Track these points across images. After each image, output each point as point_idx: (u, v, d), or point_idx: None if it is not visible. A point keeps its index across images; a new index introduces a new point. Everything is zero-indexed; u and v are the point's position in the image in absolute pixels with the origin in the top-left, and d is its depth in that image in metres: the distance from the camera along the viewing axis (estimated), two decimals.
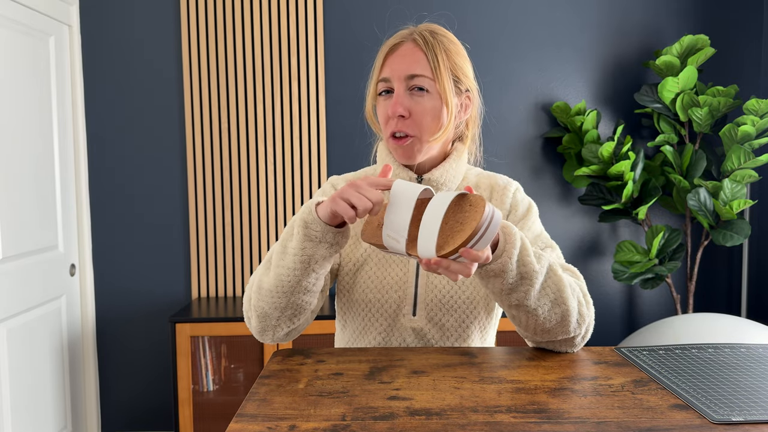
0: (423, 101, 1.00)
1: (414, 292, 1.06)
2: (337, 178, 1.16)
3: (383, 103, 1.03)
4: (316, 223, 0.89)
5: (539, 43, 2.70)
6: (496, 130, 2.71)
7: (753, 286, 2.77)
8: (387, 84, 1.01)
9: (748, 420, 0.70)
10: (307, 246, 0.90)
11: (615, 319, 2.80)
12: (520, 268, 0.87)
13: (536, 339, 0.97)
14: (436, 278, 1.05)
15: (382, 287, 1.06)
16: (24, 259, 2.25)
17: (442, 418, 0.72)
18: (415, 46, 1.00)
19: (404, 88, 1.00)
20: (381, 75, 1.02)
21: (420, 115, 1.00)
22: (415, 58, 0.99)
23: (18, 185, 2.21)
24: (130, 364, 2.73)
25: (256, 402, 0.78)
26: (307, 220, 0.89)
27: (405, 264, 1.07)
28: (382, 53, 1.03)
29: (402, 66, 1.00)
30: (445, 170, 1.07)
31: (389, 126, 1.02)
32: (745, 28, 2.72)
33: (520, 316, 0.93)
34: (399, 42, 1.02)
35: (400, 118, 1.00)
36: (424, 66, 0.99)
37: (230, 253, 2.68)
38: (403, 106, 0.99)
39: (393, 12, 2.65)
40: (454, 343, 1.06)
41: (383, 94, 1.03)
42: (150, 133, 2.67)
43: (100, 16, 2.63)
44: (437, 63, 0.99)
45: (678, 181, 2.42)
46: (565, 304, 0.91)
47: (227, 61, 2.63)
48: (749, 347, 0.97)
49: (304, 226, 0.90)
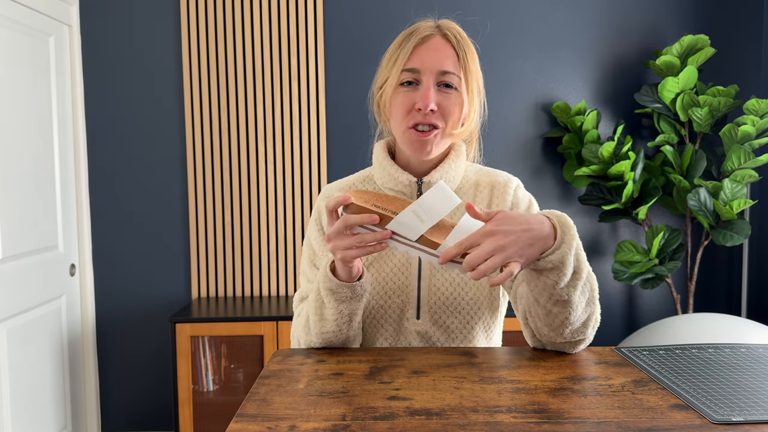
0: (451, 97, 0.99)
1: (417, 295, 1.05)
2: (330, 188, 1.14)
3: (406, 94, 0.99)
4: (341, 287, 0.93)
5: (539, 43, 2.70)
6: (496, 130, 2.71)
7: (753, 286, 2.77)
8: (414, 75, 0.98)
9: (748, 420, 0.70)
10: (343, 308, 0.95)
11: (615, 319, 2.80)
12: (575, 261, 0.86)
13: (553, 339, 0.94)
14: (438, 280, 1.05)
15: (385, 293, 1.05)
16: (24, 259, 2.25)
17: (442, 418, 0.72)
18: (446, 42, 0.99)
19: (434, 81, 0.98)
20: (408, 65, 0.99)
21: (448, 110, 0.99)
22: (446, 54, 0.98)
23: (18, 185, 2.21)
24: (130, 364, 2.73)
25: (256, 402, 0.77)
26: (332, 287, 0.93)
27: (407, 268, 1.06)
28: (409, 43, 0.99)
29: (435, 61, 0.98)
30: (444, 171, 1.06)
31: (412, 117, 0.99)
32: (745, 28, 2.72)
33: (557, 312, 0.89)
34: (429, 34, 0.99)
35: (430, 112, 0.98)
36: (454, 63, 0.98)
37: (230, 253, 2.68)
38: (434, 100, 0.97)
39: (393, 12, 2.65)
40: (459, 345, 1.05)
41: (406, 84, 0.99)
42: (150, 133, 2.67)
43: (100, 16, 2.63)
44: (467, 62, 0.99)
45: (678, 181, 2.42)
46: (594, 303, 0.92)
47: (227, 61, 2.63)
48: (749, 347, 0.97)
49: (331, 293, 0.94)
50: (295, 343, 1.06)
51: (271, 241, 2.68)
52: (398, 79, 0.99)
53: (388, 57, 1.03)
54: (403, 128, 1.00)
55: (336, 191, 1.13)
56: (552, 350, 0.98)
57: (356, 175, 1.16)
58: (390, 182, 1.07)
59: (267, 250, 2.69)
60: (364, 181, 1.13)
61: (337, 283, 0.93)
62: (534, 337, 0.98)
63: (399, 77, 0.99)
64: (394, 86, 1.00)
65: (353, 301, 0.95)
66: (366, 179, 1.13)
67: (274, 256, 2.69)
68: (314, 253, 1.10)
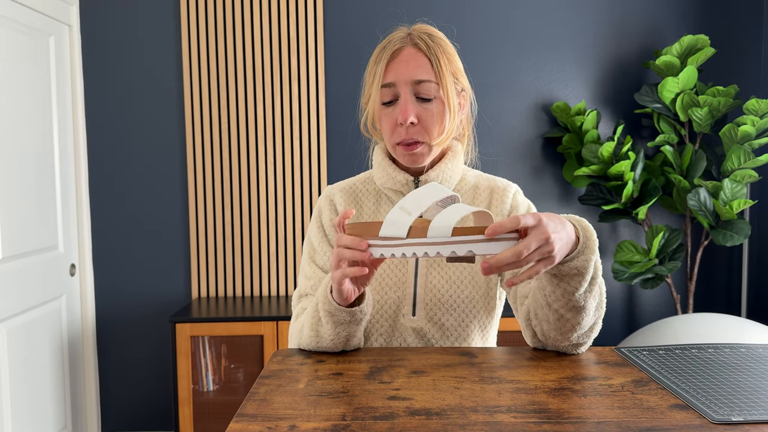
0: (430, 107, 1.00)
1: (413, 292, 1.06)
2: (332, 188, 1.16)
3: (388, 112, 1.02)
4: (340, 312, 0.92)
5: (539, 43, 2.70)
6: (496, 130, 2.71)
7: (753, 286, 2.77)
8: (392, 89, 1.01)
9: (748, 420, 0.70)
10: (340, 330, 0.94)
11: (615, 319, 2.80)
12: (595, 266, 0.85)
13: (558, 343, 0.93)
14: (434, 278, 1.05)
15: (381, 288, 1.06)
16: (24, 259, 2.25)
17: (442, 418, 0.72)
18: (417, 50, 1.00)
19: (410, 93, 1.00)
20: (384, 80, 1.01)
21: (428, 122, 1.00)
22: (418, 63, 0.99)
23: (18, 185, 2.21)
24: (130, 364, 2.73)
25: (256, 402, 0.78)
26: (331, 310, 0.92)
27: (404, 264, 1.07)
28: (382, 60, 1.01)
29: (407, 71, 0.99)
30: (441, 170, 1.07)
31: (397, 134, 1.02)
32: (745, 28, 2.72)
33: (569, 318, 0.89)
34: (400, 47, 1.01)
35: (411, 125, 1.00)
36: (428, 71, 0.99)
37: (230, 253, 2.68)
38: (414, 113, 0.99)
39: (393, 12, 2.65)
40: (454, 343, 1.06)
41: (388, 104, 1.02)
42: (150, 133, 2.67)
43: (100, 16, 2.63)
44: (440, 67, 1.00)
45: (678, 181, 2.42)
46: (602, 308, 0.92)
47: (227, 61, 2.63)
48: (749, 347, 0.97)
49: (330, 315, 0.93)
50: (294, 343, 1.06)
51: (271, 241, 2.68)
52: (379, 98, 1.02)
53: (368, 72, 1.06)
54: (392, 145, 1.04)
55: (337, 192, 1.14)
56: (552, 350, 0.98)
57: (357, 177, 1.18)
58: (389, 182, 1.09)
59: (267, 250, 2.69)
60: (365, 182, 1.15)
61: (336, 306, 0.92)
62: (535, 338, 0.98)
63: (380, 96, 1.02)
64: (378, 106, 1.04)
65: (351, 325, 0.94)
66: (367, 180, 1.16)
67: (274, 256, 2.69)
68: (314, 250, 1.12)
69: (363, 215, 1.12)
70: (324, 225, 1.12)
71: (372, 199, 1.13)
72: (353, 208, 1.08)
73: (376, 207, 1.12)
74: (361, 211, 1.12)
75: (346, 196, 1.13)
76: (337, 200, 1.13)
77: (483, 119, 2.69)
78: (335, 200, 1.13)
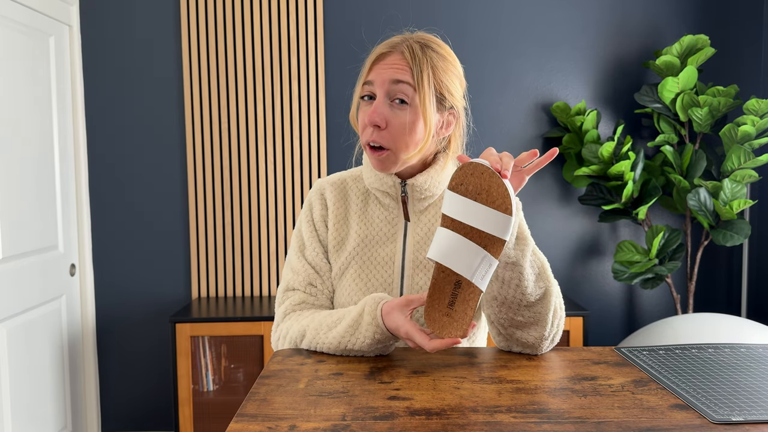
0: (402, 114, 0.99)
1: (399, 294, 1.06)
2: (323, 182, 1.15)
3: (364, 109, 1.03)
4: (387, 338, 0.95)
5: (539, 43, 2.70)
6: (496, 130, 2.71)
7: (753, 286, 2.77)
8: (370, 88, 1.02)
9: (748, 420, 0.70)
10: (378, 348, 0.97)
11: (615, 319, 2.80)
12: (520, 226, 0.94)
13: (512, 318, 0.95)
14: (421, 279, 1.05)
15: (367, 290, 1.06)
16: (24, 259, 2.25)
17: (442, 418, 0.72)
18: (402, 58, 1.00)
19: (385, 94, 1.00)
20: (366, 78, 1.03)
21: (396, 128, 1.00)
22: (400, 67, 1.00)
23: (18, 185, 2.21)
24: (130, 364, 2.73)
25: (256, 402, 0.78)
26: (380, 338, 0.94)
27: (390, 266, 1.07)
28: (370, 59, 1.03)
29: (387, 73, 1.00)
30: (429, 176, 1.07)
31: (366, 133, 1.02)
32: (745, 28, 2.72)
33: (509, 279, 0.92)
34: (388, 51, 1.01)
35: (376, 128, 1.00)
36: (408, 76, 0.99)
37: (230, 253, 2.68)
38: (381, 116, 0.99)
39: (393, 12, 2.65)
40: None
41: (365, 98, 1.03)
42: (150, 133, 2.67)
43: (100, 16, 2.63)
44: (421, 78, 0.99)
45: (678, 181, 2.42)
46: (548, 281, 0.94)
47: (227, 61, 2.63)
48: (749, 347, 0.97)
49: (372, 335, 0.94)
50: (285, 342, 1.04)
51: (271, 241, 2.68)
52: (360, 93, 1.04)
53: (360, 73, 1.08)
54: (363, 143, 1.05)
55: (328, 186, 1.14)
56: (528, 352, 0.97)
57: (348, 171, 1.17)
58: (376, 182, 1.09)
59: (267, 250, 2.69)
60: (355, 180, 1.15)
61: (388, 335, 0.94)
62: (495, 329, 0.99)
63: (360, 91, 1.04)
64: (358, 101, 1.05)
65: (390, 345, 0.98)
66: (357, 178, 1.15)
67: (274, 256, 2.69)
68: (303, 244, 1.12)
69: (350, 213, 1.11)
70: (314, 220, 1.12)
71: (360, 198, 1.12)
72: (341, 205, 1.09)
73: (363, 206, 1.11)
74: (348, 208, 1.12)
75: (336, 191, 1.13)
76: (328, 195, 1.13)
77: (483, 119, 2.69)
78: (326, 195, 1.13)
